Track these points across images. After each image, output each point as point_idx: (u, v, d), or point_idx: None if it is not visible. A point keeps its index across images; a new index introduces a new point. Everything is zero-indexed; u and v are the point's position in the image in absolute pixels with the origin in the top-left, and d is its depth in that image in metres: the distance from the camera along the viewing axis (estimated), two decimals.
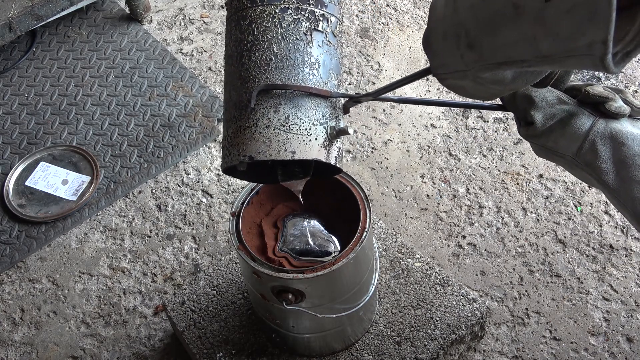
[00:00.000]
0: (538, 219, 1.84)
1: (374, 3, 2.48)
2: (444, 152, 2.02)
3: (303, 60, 0.93)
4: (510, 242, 1.81)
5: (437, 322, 1.48)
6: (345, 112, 1.00)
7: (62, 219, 1.94)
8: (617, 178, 0.89)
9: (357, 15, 2.44)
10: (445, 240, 1.83)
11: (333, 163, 0.96)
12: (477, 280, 1.74)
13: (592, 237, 1.79)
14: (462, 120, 2.09)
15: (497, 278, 1.74)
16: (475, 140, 2.04)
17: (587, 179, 0.94)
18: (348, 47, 2.34)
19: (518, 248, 1.79)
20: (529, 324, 1.65)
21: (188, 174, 2.03)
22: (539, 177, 1.93)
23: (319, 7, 0.95)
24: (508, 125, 2.06)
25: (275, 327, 1.39)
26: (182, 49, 2.39)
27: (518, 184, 1.92)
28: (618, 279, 1.71)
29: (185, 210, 1.95)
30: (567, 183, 1.91)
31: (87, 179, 2.02)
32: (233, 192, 1.98)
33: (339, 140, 0.98)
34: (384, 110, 2.14)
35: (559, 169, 1.93)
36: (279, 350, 1.47)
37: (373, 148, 2.05)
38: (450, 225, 1.86)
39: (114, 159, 2.07)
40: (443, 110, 2.13)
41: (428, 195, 1.93)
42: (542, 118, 0.93)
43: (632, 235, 1.78)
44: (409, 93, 2.17)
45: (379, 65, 2.28)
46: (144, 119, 2.17)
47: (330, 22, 0.97)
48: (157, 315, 1.74)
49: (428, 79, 2.20)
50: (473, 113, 2.11)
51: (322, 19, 0.95)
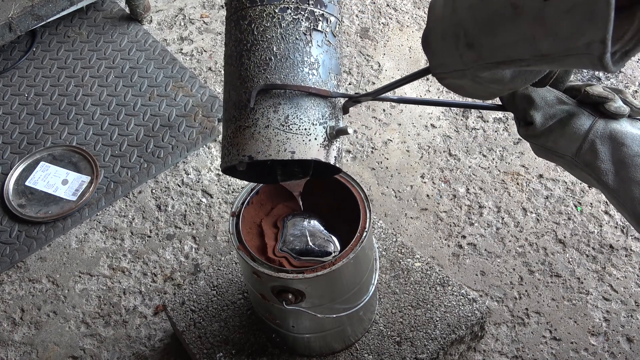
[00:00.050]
0: (538, 219, 1.84)
1: (374, 3, 2.48)
2: (444, 152, 2.02)
3: (302, 60, 0.93)
4: (510, 242, 1.81)
5: (437, 322, 1.48)
6: (345, 112, 1.00)
7: (62, 219, 1.94)
8: (616, 178, 0.89)
9: (357, 15, 2.44)
10: (445, 240, 1.83)
11: (332, 163, 0.96)
12: (477, 280, 1.74)
13: (592, 237, 1.79)
14: (462, 120, 2.09)
15: (497, 278, 1.74)
16: (475, 140, 2.04)
17: (586, 179, 0.94)
18: (348, 47, 2.34)
19: (518, 248, 1.79)
20: (529, 324, 1.65)
21: (188, 174, 2.03)
22: (539, 177, 1.93)
23: (319, 7, 0.95)
24: (508, 125, 2.06)
25: (275, 327, 1.39)
26: (182, 49, 2.39)
27: (518, 184, 1.92)
28: (618, 279, 1.71)
29: (185, 210, 1.95)
30: (567, 183, 1.91)
31: (87, 179, 2.02)
32: (233, 192, 1.98)
33: (339, 140, 0.98)
34: (384, 110, 2.14)
35: (559, 169, 1.93)
36: (279, 350, 1.47)
37: (373, 148, 2.05)
38: (450, 225, 1.86)
39: (114, 159, 2.07)
40: (443, 110, 2.13)
41: (428, 195, 1.93)
42: (541, 118, 0.93)
43: (632, 235, 1.78)
44: (409, 93, 2.17)
45: (379, 65, 2.28)
46: (144, 119, 2.17)
47: (330, 22, 0.97)
48: (157, 315, 1.74)
49: (428, 79, 2.20)
50: (473, 113, 2.11)
51: (321, 19, 0.95)
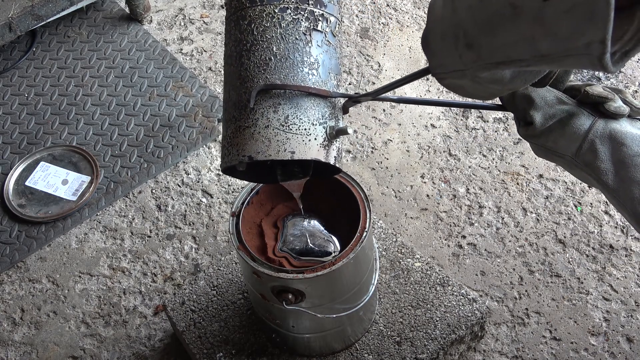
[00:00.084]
0: (538, 219, 1.84)
1: (374, 3, 2.48)
2: (444, 152, 2.02)
3: (302, 60, 0.93)
4: (510, 242, 1.81)
5: (437, 322, 1.48)
6: (345, 112, 1.00)
7: (62, 219, 1.94)
8: (616, 178, 0.89)
9: (357, 15, 2.44)
10: (445, 240, 1.83)
11: (332, 163, 0.96)
12: (477, 280, 1.74)
13: (592, 237, 1.79)
14: (462, 120, 2.09)
15: (497, 278, 1.74)
16: (475, 140, 2.04)
17: (586, 179, 0.95)
18: (348, 47, 2.34)
19: (518, 248, 1.79)
20: (529, 324, 1.65)
21: (188, 174, 2.03)
22: (539, 177, 1.93)
23: (318, 7, 0.95)
24: (508, 125, 2.06)
25: (275, 327, 1.39)
26: (182, 49, 2.39)
27: (518, 184, 1.92)
28: (618, 279, 1.71)
29: (185, 210, 1.95)
30: (567, 183, 1.91)
31: (87, 179, 2.02)
32: (233, 192, 1.98)
33: (339, 140, 0.98)
34: (384, 110, 2.14)
35: (559, 169, 1.93)
36: (279, 350, 1.47)
37: (373, 148, 2.05)
38: (450, 225, 1.86)
39: (114, 159, 2.07)
40: (443, 110, 2.13)
41: (428, 195, 1.93)
42: (541, 118, 0.93)
43: (632, 235, 1.78)
44: (409, 93, 2.17)
45: (379, 65, 2.28)
46: (144, 119, 2.17)
47: (330, 22, 0.97)
48: (157, 315, 1.74)
49: (428, 79, 2.20)
50: (473, 113, 2.11)
51: (321, 19, 0.95)
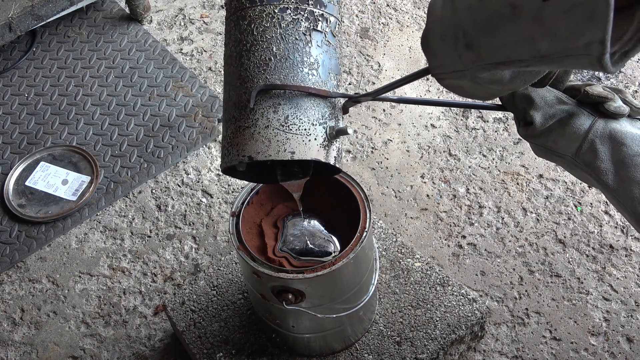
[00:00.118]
0: (538, 219, 1.84)
1: (374, 3, 2.48)
2: (444, 152, 2.02)
3: (302, 60, 0.93)
4: (510, 242, 1.81)
5: (437, 322, 1.48)
6: (345, 112, 1.00)
7: (62, 219, 1.94)
8: (616, 178, 0.89)
9: (357, 15, 2.44)
10: (445, 240, 1.83)
11: (332, 163, 0.96)
12: (477, 280, 1.74)
13: (592, 237, 1.79)
14: (462, 120, 2.09)
15: (497, 278, 1.74)
16: (475, 140, 2.04)
17: (586, 179, 0.95)
18: (348, 47, 2.34)
19: (518, 248, 1.79)
20: (529, 324, 1.65)
21: (188, 174, 2.03)
22: (539, 177, 1.93)
23: (318, 7, 0.95)
24: (508, 125, 2.06)
25: (275, 327, 1.39)
26: (182, 49, 2.39)
27: (518, 184, 1.92)
28: (618, 279, 1.71)
29: (185, 210, 1.95)
30: (567, 183, 1.91)
31: (87, 179, 2.02)
32: (233, 192, 1.98)
33: (339, 140, 0.98)
34: (384, 110, 2.14)
35: (559, 169, 1.93)
36: (279, 350, 1.47)
37: (373, 148, 2.05)
38: (450, 225, 1.86)
39: (114, 159, 2.07)
40: (443, 110, 2.13)
41: (428, 195, 1.93)
42: (541, 118, 0.93)
43: (632, 235, 1.78)
44: (409, 93, 2.17)
45: (379, 65, 2.28)
46: (144, 119, 2.17)
47: (330, 22, 0.97)
48: (157, 315, 1.74)
49: (428, 79, 2.20)
50: (473, 113, 2.11)
51: (321, 19, 0.95)
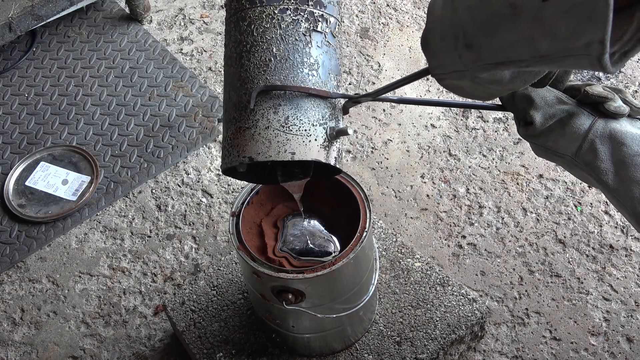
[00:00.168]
0: (538, 219, 1.84)
1: (374, 3, 2.48)
2: (444, 152, 2.02)
3: (302, 61, 0.93)
4: (510, 242, 1.81)
5: (437, 322, 1.48)
6: (345, 112, 1.00)
7: (62, 219, 1.94)
8: (616, 178, 0.89)
9: (357, 15, 2.44)
10: (445, 240, 1.83)
11: (333, 164, 0.96)
12: (477, 280, 1.74)
13: (592, 237, 1.79)
14: (462, 120, 2.09)
15: (497, 278, 1.74)
16: (475, 140, 2.04)
17: (586, 179, 0.95)
18: (348, 47, 2.34)
19: (518, 248, 1.79)
20: (529, 324, 1.65)
21: (188, 174, 2.04)
22: (539, 177, 1.93)
23: (318, 7, 0.95)
24: (508, 125, 2.06)
25: (275, 327, 1.39)
26: (182, 49, 2.39)
27: (518, 184, 1.92)
28: (618, 279, 1.71)
29: (185, 210, 1.95)
30: (567, 183, 1.91)
31: (87, 179, 2.02)
32: (233, 192, 1.98)
33: (339, 141, 0.98)
34: (384, 110, 2.14)
35: (559, 169, 1.93)
36: (279, 350, 1.47)
37: (373, 148, 2.05)
38: (450, 225, 1.86)
39: (114, 159, 2.07)
40: (443, 110, 2.13)
41: (428, 195, 1.93)
42: (541, 118, 0.93)
43: (632, 235, 1.78)
44: (409, 93, 2.17)
45: (379, 65, 2.28)
46: (144, 119, 2.17)
47: (329, 22, 0.97)
48: (157, 315, 1.74)
49: (428, 79, 2.20)
50: (473, 113, 2.11)
51: (321, 20, 0.95)
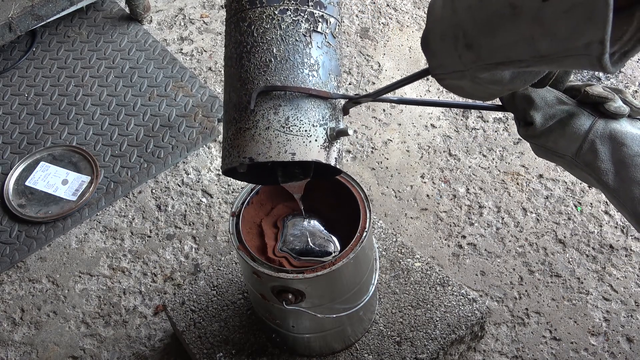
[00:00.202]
0: (538, 219, 1.84)
1: (374, 3, 2.48)
2: (444, 152, 2.02)
3: (302, 62, 0.93)
4: (510, 242, 1.81)
5: (437, 322, 1.48)
6: (345, 113, 1.00)
7: (62, 219, 1.94)
8: (616, 178, 0.89)
9: (357, 15, 2.44)
10: (445, 240, 1.83)
11: (333, 164, 0.96)
12: (477, 280, 1.74)
13: (592, 237, 1.79)
14: (462, 120, 2.09)
15: (497, 278, 1.74)
16: (475, 140, 2.04)
17: (586, 179, 0.95)
18: (348, 47, 2.34)
19: (518, 248, 1.79)
20: (529, 324, 1.65)
21: (188, 174, 2.04)
22: (539, 177, 1.93)
23: (318, 8, 0.95)
24: (508, 125, 2.06)
25: (275, 327, 1.39)
26: (182, 49, 2.39)
27: (518, 184, 1.92)
28: (618, 279, 1.71)
29: (185, 210, 1.95)
30: (567, 183, 1.91)
31: (87, 179, 2.02)
32: (233, 192, 1.98)
33: (339, 141, 0.98)
34: (384, 111, 2.14)
35: (559, 169, 1.93)
36: (279, 350, 1.47)
37: (373, 148, 2.05)
38: (450, 225, 1.86)
39: (114, 159, 2.07)
40: (443, 110, 2.13)
41: (428, 195, 1.93)
42: (541, 118, 0.93)
43: (632, 235, 1.78)
44: (409, 93, 2.17)
45: (379, 65, 2.28)
46: (144, 119, 2.17)
47: (330, 23, 0.97)
48: (157, 315, 1.74)
49: (428, 79, 2.20)
50: (473, 113, 2.11)
51: (321, 20, 0.95)
